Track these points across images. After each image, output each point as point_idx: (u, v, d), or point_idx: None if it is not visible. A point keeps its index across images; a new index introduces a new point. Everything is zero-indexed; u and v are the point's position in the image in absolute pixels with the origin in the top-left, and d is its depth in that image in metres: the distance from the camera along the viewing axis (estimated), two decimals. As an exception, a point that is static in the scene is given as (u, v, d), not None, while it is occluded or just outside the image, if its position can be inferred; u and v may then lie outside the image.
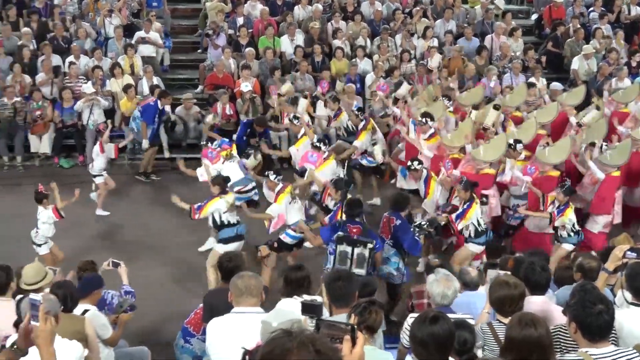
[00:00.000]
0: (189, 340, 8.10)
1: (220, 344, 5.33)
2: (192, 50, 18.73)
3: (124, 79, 15.35)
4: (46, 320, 3.62)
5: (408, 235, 9.84)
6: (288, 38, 17.12)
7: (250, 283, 5.42)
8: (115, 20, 17.10)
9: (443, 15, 18.53)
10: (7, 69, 15.76)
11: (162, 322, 9.89)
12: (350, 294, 5.47)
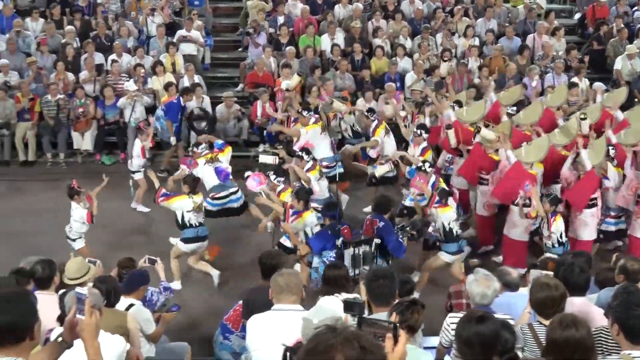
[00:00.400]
0: (228, 337, 8.14)
1: (261, 340, 5.36)
2: (232, 48, 18.83)
3: (165, 76, 15.47)
4: (91, 314, 3.68)
5: (392, 237, 9.85)
6: (328, 37, 17.12)
7: (291, 281, 5.45)
8: (158, 19, 17.25)
9: (484, 14, 18.40)
10: (51, 66, 15.99)
11: (201, 318, 9.98)
12: (391, 292, 5.46)
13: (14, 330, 3.54)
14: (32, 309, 3.65)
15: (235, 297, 9.43)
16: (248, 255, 11.31)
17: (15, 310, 3.57)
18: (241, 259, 11.51)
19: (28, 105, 15.15)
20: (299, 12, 17.88)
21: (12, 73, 15.72)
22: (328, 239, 9.66)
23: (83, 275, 7.18)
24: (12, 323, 3.54)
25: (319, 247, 9.65)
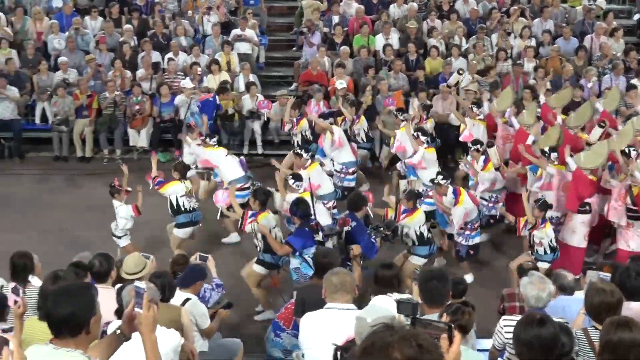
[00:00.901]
0: (279, 334, 8.18)
1: (314, 338, 5.39)
2: (287, 48, 18.90)
3: (221, 75, 15.61)
4: (149, 308, 3.74)
5: (364, 237, 9.76)
6: (383, 37, 17.09)
7: (346, 280, 5.47)
8: (213, 18, 17.41)
9: (541, 14, 18.16)
10: (108, 64, 16.26)
11: (253, 315, 10.04)
12: (444, 293, 5.45)
13: (71, 322, 3.62)
14: (91, 302, 3.72)
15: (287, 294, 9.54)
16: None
17: (76, 303, 3.64)
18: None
19: (86, 102, 15.43)
20: (354, 11, 17.87)
21: (71, 71, 16.03)
22: (307, 235, 9.66)
23: (140, 271, 7.29)
24: (72, 314, 3.62)
25: (300, 244, 9.60)
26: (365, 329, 4.05)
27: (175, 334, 5.47)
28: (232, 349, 7.83)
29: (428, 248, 10.37)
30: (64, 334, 3.62)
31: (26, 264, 7.03)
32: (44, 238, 11.69)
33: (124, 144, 15.60)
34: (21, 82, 15.93)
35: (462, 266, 11.04)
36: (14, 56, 16.30)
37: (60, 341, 3.61)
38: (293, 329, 7.98)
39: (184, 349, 5.68)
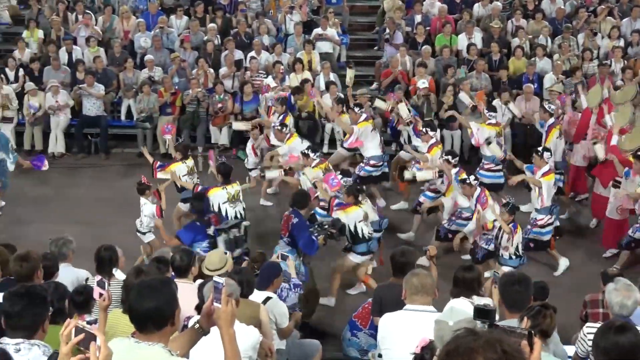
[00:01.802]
0: (356, 334, 8.20)
1: (392, 339, 5.38)
2: (368, 47, 18.88)
3: (303, 74, 15.69)
4: (228, 303, 3.78)
5: (304, 235, 9.77)
6: (465, 36, 16.91)
7: (426, 282, 5.43)
8: (296, 17, 17.51)
9: (630, 13, 17.66)
10: (192, 62, 16.51)
11: (330, 314, 10.07)
12: (526, 298, 5.35)
13: (157, 316, 3.67)
14: (173, 296, 3.78)
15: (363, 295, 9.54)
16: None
17: (159, 297, 3.69)
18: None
19: (170, 99, 15.70)
20: (437, 11, 17.73)
21: (157, 69, 16.35)
22: (198, 230, 9.86)
23: (222, 267, 7.38)
24: (156, 309, 3.67)
25: (189, 238, 9.74)
26: (447, 332, 4.01)
27: (255, 331, 5.52)
28: (310, 350, 7.84)
29: (366, 245, 10.21)
30: (149, 328, 3.67)
31: (111, 257, 7.22)
32: (130, 231, 12.00)
33: (205, 141, 15.81)
34: (108, 80, 16.34)
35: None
36: (101, 54, 16.72)
37: (144, 335, 3.67)
38: (370, 329, 7.98)
39: (262, 345, 5.73)
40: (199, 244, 9.73)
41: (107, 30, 17.75)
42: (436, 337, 4.17)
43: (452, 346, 2.49)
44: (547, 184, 11.02)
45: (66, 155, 15.87)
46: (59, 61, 16.43)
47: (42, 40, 17.48)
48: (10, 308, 4.21)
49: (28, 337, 4.18)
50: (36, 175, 13.70)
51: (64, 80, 16.21)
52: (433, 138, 12.33)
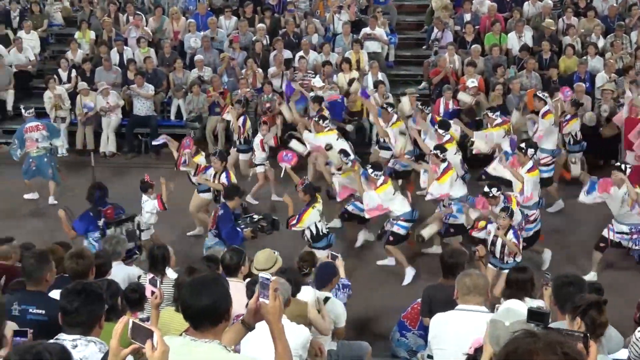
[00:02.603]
0: (405, 334, 8.16)
1: (444, 339, 5.35)
2: (416, 46, 18.79)
3: (351, 74, 15.67)
4: (276, 298, 3.80)
5: (227, 226, 10.01)
6: (515, 35, 16.74)
7: (479, 282, 5.39)
8: (344, 17, 17.51)
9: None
10: (241, 62, 16.61)
11: (379, 314, 10.03)
12: None
13: (212, 313, 3.68)
14: (227, 292, 3.78)
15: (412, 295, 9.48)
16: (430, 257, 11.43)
17: (213, 294, 3.70)
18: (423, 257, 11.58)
19: (218, 99, 15.82)
20: (486, 9, 17.58)
21: (206, 69, 16.49)
22: (91, 220, 9.96)
23: (271, 267, 7.41)
24: (211, 305, 3.67)
25: (83, 229, 9.92)
26: (502, 331, 3.98)
27: (305, 330, 5.54)
28: (359, 351, 7.83)
29: (326, 240, 10.39)
30: (204, 325, 3.68)
31: (164, 255, 7.31)
32: (179, 231, 12.16)
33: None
34: (158, 80, 16.53)
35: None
36: (152, 55, 16.92)
37: (199, 332, 3.69)
38: (419, 329, 7.95)
39: (312, 345, 5.74)
40: (91, 234, 9.92)
41: (157, 31, 17.97)
42: (491, 337, 4.12)
43: (511, 348, 2.47)
44: (532, 180, 10.90)
45: (117, 154, 16.11)
46: (110, 62, 16.68)
47: (93, 41, 17.80)
48: (68, 305, 4.28)
49: (85, 334, 4.24)
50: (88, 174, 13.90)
51: (115, 80, 16.45)
52: (446, 135, 12.27)
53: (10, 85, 17.03)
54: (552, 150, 12.88)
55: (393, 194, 10.87)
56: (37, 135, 13.49)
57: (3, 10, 19.17)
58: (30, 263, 5.74)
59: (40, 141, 13.50)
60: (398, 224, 10.85)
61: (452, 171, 11.16)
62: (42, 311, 5.51)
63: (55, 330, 4.45)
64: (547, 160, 12.74)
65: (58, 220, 10.11)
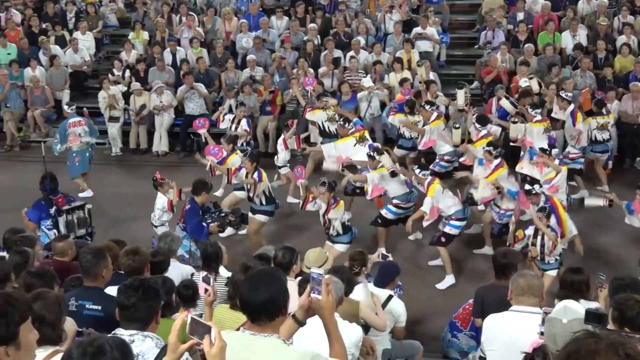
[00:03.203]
0: (456, 335, 8.13)
1: (497, 340, 5.31)
2: (468, 45, 18.66)
3: (402, 73, 15.63)
4: (328, 293, 3.81)
5: (192, 220, 10.32)
6: (570, 34, 16.51)
7: (533, 283, 5.33)
8: (396, 16, 17.47)
9: None
10: (293, 62, 16.68)
11: (429, 314, 10.00)
12: None
13: (271, 307, 3.70)
14: (285, 286, 3.81)
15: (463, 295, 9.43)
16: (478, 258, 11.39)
17: (272, 288, 3.73)
18: (471, 260, 11.52)
19: (269, 98, 15.87)
20: (539, 8, 17.38)
21: (258, 68, 16.57)
22: (43, 208, 10.23)
23: (321, 265, 7.42)
24: (270, 299, 3.70)
25: (36, 217, 10.18)
26: (560, 329, 3.94)
27: (357, 328, 5.54)
28: (411, 350, 7.84)
29: (350, 235, 10.58)
30: (263, 319, 3.70)
31: (218, 253, 7.38)
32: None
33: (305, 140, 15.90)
34: (210, 80, 16.68)
35: None
36: (204, 55, 17.07)
37: (257, 326, 3.71)
38: (471, 330, 7.90)
39: (364, 344, 5.75)
40: (44, 222, 10.16)
41: (210, 31, 18.12)
42: (548, 336, 4.07)
43: (572, 348, 2.44)
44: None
45: (169, 153, 16.29)
46: (163, 62, 16.87)
47: (147, 42, 18.03)
48: (126, 300, 4.35)
49: (142, 329, 4.30)
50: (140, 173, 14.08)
51: (168, 80, 16.65)
52: (483, 130, 12.44)
53: (66, 85, 17.36)
54: (583, 148, 13.09)
55: (442, 193, 10.85)
56: (79, 130, 14.06)
57: (60, 11, 19.53)
58: (87, 259, 5.85)
59: (82, 136, 14.03)
60: (450, 224, 10.83)
61: (502, 169, 11.17)
62: (98, 307, 5.62)
63: (111, 326, 4.52)
64: (575, 156, 13.02)
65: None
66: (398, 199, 11.38)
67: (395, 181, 11.33)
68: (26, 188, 11.98)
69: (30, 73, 17.00)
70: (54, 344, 4.26)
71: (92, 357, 2.98)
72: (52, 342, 4.26)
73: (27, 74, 17.06)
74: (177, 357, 3.31)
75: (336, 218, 10.44)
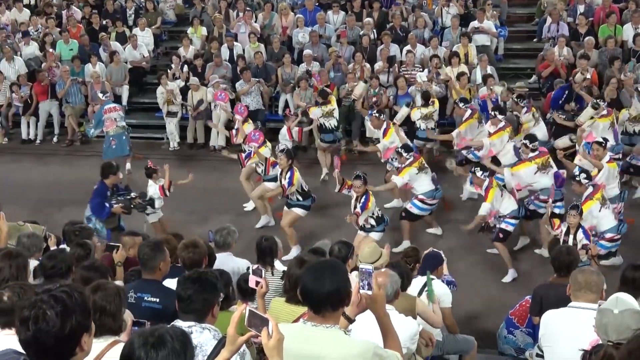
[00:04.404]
0: (513, 332, 8.04)
1: (555, 336, 5.26)
2: (527, 39, 18.41)
3: (459, 67, 15.50)
4: (379, 287, 3.82)
5: (95, 200, 10.72)
6: (632, 26, 16.17)
7: (592, 279, 5.27)
8: (453, 10, 17.34)
9: None
10: (349, 57, 16.64)
11: (485, 310, 9.94)
12: None
13: (336, 297, 3.70)
14: (348, 277, 3.80)
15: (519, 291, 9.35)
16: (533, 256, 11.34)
17: (337, 278, 3.72)
18: (527, 257, 11.43)
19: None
20: (601, 0, 17.06)
21: (314, 63, 16.57)
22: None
23: (376, 260, 7.42)
24: (335, 290, 3.69)
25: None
26: (611, 320, 3.90)
27: (413, 322, 5.54)
28: (465, 346, 7.79)
29: (383, 224, 10.88)
30: (327, 309, 3.70)
31: (272, 247, 7.42)
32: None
33: (361, 135, 15.90)
34: (268, 75, 16.76)
35: None
36: (262, 50, 17.15)
37: (319, 317, 3.72)
38: (527, 327, 7.82)
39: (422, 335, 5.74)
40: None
41: (267, 26, 18.20)
42: (599, 326, 4.01)
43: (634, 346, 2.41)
44: (610, 170, 10.97)
45: (225, 148, 16.40)
46: (220, 57, 17.00)
47: (205, 37, 18.19)
48: (183, 292, 4.42)
49: (199, 321, 4.36)
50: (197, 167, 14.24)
51: (226, 75, 16.75)
52: (502, 122, 12.54)
53: (125, 81, 17.63)
54: (611, 146, 12.63)
55: (501, 196, 10.87)
56: (115, 115, 14.67)
57: (119, 8, 19.84)
58: (145, 252, 5.95)
59: (118, 121, 14.64)
60: (506, 221, 10.83)
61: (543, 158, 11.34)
62: (156, 299, 5.71)
63: (169, 318, 4.60)
64: None
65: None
66: (424, 195, 11.54)
67: (424, 178, 11.53)
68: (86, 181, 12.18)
69: (91, 69, 17.31)
70: (114, 334, 4.35)
71: (152, 347, 3.03)
72: (112, 332, 4.35)
73: (88, 70, 17.37)
74: (235, 349, 3.35)
75: (368, 213, 10.65)
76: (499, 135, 12.40)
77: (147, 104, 17.92)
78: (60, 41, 18.29)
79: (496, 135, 12.42)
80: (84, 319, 3.06)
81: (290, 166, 11.41)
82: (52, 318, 2.96)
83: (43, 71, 17.41)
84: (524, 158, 11.43)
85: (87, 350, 3.13)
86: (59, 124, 17.45)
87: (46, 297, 3.02)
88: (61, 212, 11.67)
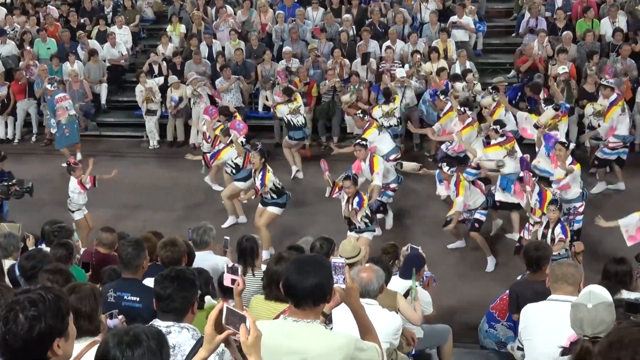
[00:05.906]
0: (494, 326, 8.05)
1: (534, 330, 5.28)
2: (506, 34, 18.47)
3: (439, 62, 15.52)
4: (353, 280, 3.81)
5: None
6: (609, 20, 16.26)
7: (568, 271, 5.30)
8: (431, 5, 17.35)
9: None
10: (327, 53, 16.63)
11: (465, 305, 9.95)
12: None
13: (319, 292, 3.68)
14: (331, 273, 3.75)
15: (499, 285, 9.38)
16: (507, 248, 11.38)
17: (320, 273, 3.69)
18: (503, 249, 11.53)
19: (303, 90, 15.82)
20: (578, -5, 17.15)
21: (294, 60, 16.54)
22: None
23: (355, 256, 7.41)
24: (318, 285, 3.66)
25: None
26: (585, 314, 3.91)
27: (397, 317, 5.54)
28: (442, 334, 7.81)
29: (374, 224, 11.01)
30: (308, 304, 3.68)
31: (253, 247, 7.36)
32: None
33: (341, 131, 15.91)
34: (247, 72, 16.70)
35: None
36: (242, 47, 17.09)
37: (301, 311, 3.70)
38: (508, 321, 7.84)
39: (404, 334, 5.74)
40: None
41: (246, 23, 18.14)
42: (574, 321, 4.02)
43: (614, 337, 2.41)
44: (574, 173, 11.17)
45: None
46: (200, 55, 16.93)
47: (184, 35, 18.10)
48: (162, 291, 4.37)
49: (178, 320, 4.32)
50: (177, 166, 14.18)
51: (205, 73, 16.68)
52: (469, 117, 12.70)
53: (104, 79, 17.52)
54: (623, 137, 13.04)
55: (470, 189, 11.15)
56: (66, 104, 15.27)
57: (97, 6, 19.72)
58: (127, 252, 5.91)
59: (69, 109, 15.19)
60: (479, 212, 11.20)
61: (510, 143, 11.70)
62: (136, 298, 5.67)
63: (149, 317, 4.57)
64: (616, 145, 12.97)
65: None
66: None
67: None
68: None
69: (69, 67, 17.19)
70: (92, 335, 4.31)
71: (128, 346, 3.01)
72: (90, 333, 4.30)
73: (66, 69, 17.25)
74: (213, 347, 3.32)
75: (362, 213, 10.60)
76: (468, 131, 12.48)
77: (126, 102, 17.82)
78: (38, 39, 18.16)
79: (465, 131, 12.48)
80: (57, 322, 3.00)
81: (264, 165, 11.38)
82: (21, 321, 2.91)
83: (21, 70, 17.29)
84: (493, 143, 11.82)
85: (65, 354, 3.08)
86: (37, 123, 17.36)
87: (22, 298, 2.98)
88: (39, 213, 11.57)
